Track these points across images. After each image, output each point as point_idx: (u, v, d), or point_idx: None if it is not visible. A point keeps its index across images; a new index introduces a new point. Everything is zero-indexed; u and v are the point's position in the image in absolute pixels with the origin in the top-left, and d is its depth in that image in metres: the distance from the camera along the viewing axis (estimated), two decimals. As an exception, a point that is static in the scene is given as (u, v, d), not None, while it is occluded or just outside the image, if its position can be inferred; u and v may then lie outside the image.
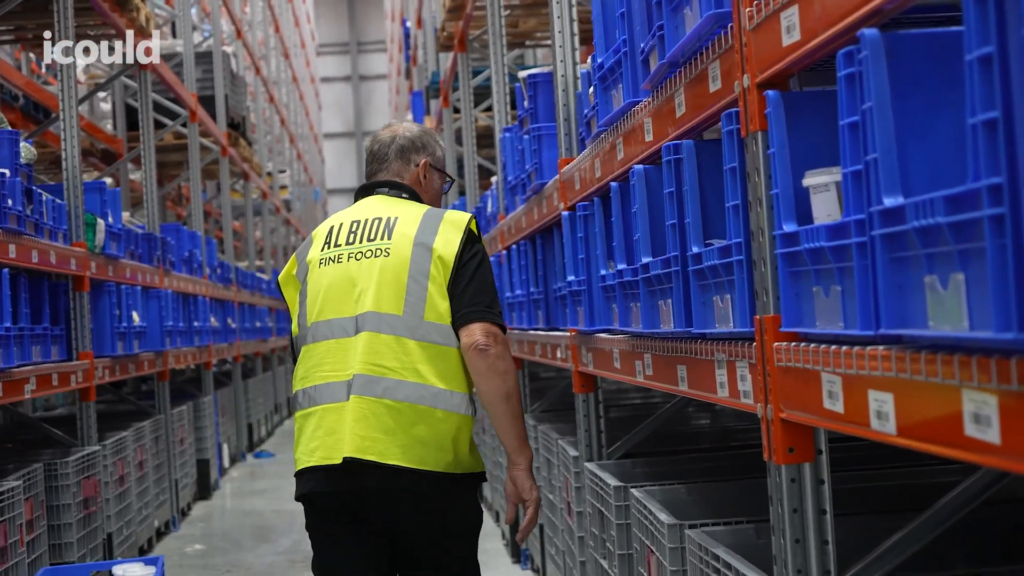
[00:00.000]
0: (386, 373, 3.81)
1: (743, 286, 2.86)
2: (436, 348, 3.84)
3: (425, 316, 3.84)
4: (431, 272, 3.87)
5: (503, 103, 9.12)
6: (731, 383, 3.03)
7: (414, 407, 3.80)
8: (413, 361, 3.82)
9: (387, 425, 3.78)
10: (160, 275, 10.66)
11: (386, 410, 3.78)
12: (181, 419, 11.55)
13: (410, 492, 3.80)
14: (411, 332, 3.84)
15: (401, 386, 3.80)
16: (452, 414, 3.84)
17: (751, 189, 2.79)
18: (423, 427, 3.79)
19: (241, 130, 17.43)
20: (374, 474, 3.77)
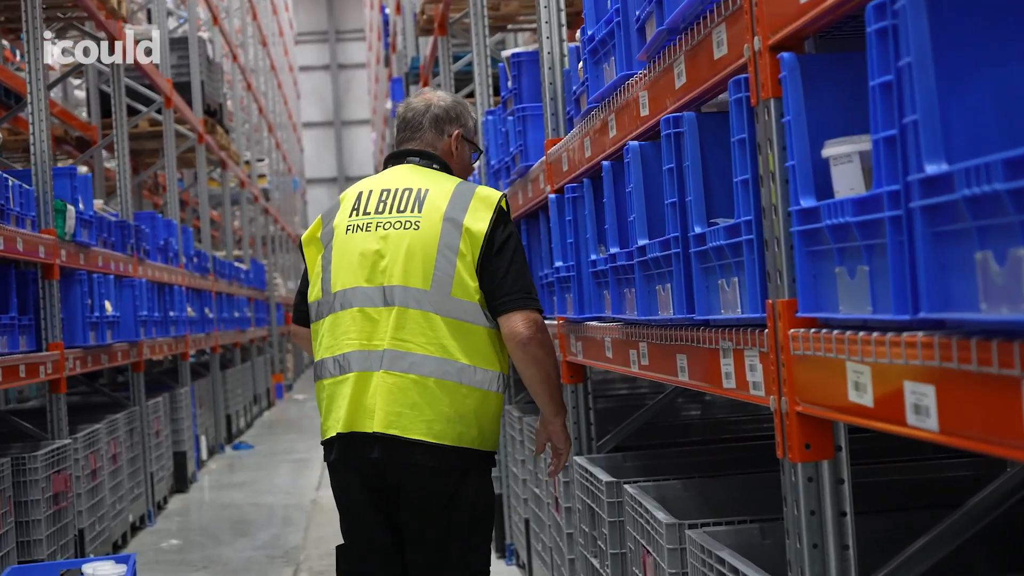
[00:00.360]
0: (413, 348, 3.89)
1: (753, 268, 2.63)
2: (463, 325, 3.91)
3: (452, 292, 3.90)
4: (460, 249, 3.92)
5: (485, 88, 8.87)
6: (738, 373, 2.80)
7: (440, 382, 3.89)
8: (439, 337, 3.89)
9: (413, 400, 3.88)
10: (134, 264, 10.41)
11: (412, 384, 3.88)
12: (157, 411, 11.30)
13: (423, 466, 3.89)
14: (437, 307, 3.90)
15: (427, 361, 3.88)
16: (476, 389, 3.93)
17: (762, 162, 2.56)
18: (447, 402, 3.89)
19: (218, 117, 17.14)
20: (395, 446, 3.87)
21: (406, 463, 3.89)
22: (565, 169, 4.90)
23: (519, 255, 3.98)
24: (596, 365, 4.62)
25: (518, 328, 3.90)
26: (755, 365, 2.68)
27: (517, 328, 3.90)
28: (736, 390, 2.83)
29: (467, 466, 3.96)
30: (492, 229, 3.94)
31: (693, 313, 3.08)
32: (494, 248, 3.93)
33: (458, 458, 3.92)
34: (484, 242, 3.91)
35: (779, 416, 2.54)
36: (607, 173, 4.00)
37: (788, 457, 2.51)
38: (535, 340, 3.92)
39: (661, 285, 3.35)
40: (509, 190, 6.62)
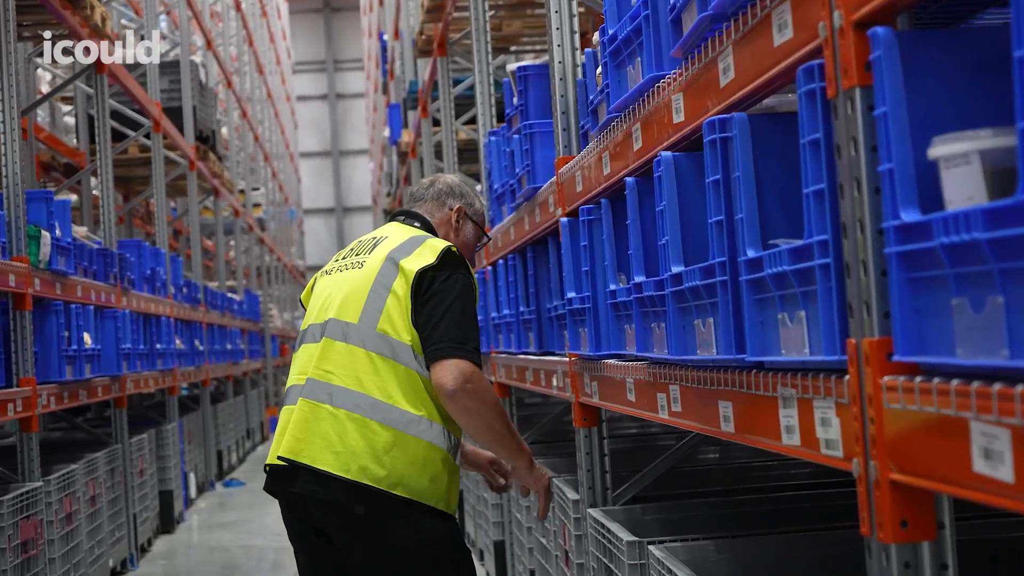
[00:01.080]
0: (333, 380, 3.83)
1: (829, 300, 2.13)
2: (384, 361, 3.80)
3: (378, 327, 3.81)
4: (393, 286, 3.84)
5: (488, 111, 8.37)
6: (805, 428, 2.30)
7: (350, 415, 3.78)
8: (356, 370, 3.81)
9: (324, 430, 3.79)
10: (117, 294, 9.90)
11: (327, 415, 3.79)
12: (141, 448, 10.77)
13: (339, 503, 3.76)
14: (362, 341, 3.83)
15: (342, 392, 3.80)
16: (388, 428, 3.77)
17: (843, 168, 2.06)
18: (357, 436, 3.76)
19: (211, 144, 16.65)
20: (307, 478, 3.78)
21: (319, 496, 3.79)
22: (579, 189, 4.40)
23: (460, 303, 3.82)
24: (615, 409, 4.12)
25: (443, 379, 3.73)
26: (829, 419, 2.17)
27: (442, 379, 3.73)
28: (802, 448, 2.32)
29: (385, 509, 3.76)
30: (433, 272, 3.82)
31: (744, 353, 2.58)
32: (427, 290, 3.81)
33: (372, 498, 3.74)
34: (415, 280, 3.80)
35: (865, 484, 2.04)
36: (631, 191, 3.51)
37: (878, 537, 2.00)
38: (461, 391, 3.72)
39: (701, 319, 2.85)
40: (514, 216, 6.12)
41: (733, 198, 2.58)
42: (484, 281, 7.53)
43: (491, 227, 7.31)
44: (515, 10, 10.47)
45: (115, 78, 11.48)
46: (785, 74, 2.34)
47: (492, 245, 7.07)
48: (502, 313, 6.70)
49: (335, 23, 49.36)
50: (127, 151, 14.36)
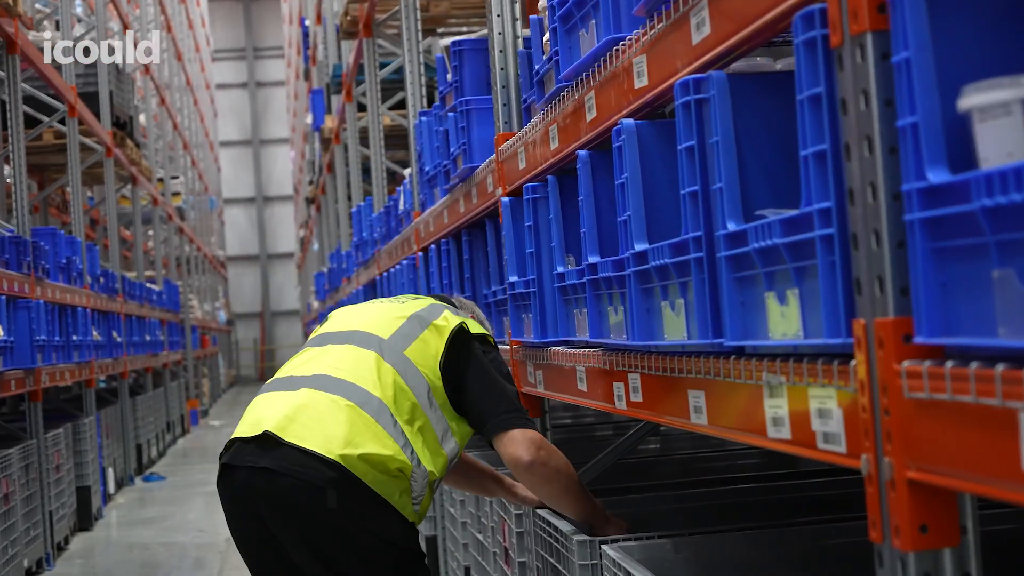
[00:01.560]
0: (347, 378, 3.64)
1: (832, 275, 1.88)
2: (401, 382, 3.62)
3: (406, 350, 3.67)
4: (428, 329, 3.72)
5: (417, 94, 8.10)
6: (797, 420, 2.06)
7: (357, 410, 3.55)
8: (375, 378, 3.62)
9: (325, 419, 3.55)
10: (31, 283, 9.52)
11: (334, 406, 3.57)
12: (57, 443, 10.40)
13: (312, 487, 3.46)
14: (388, 357, 3.66)
15: (356, 391, 3.60)
16: (389, 438, 3.54)
17: (850, 126, 1.82)
18: (361, 431, 3.52)
19: (128, 130, 16.23)
20: (287, 455, 3.50)
21: (295, 475, 3.53)
22: (522, 167, 4.14)
23: (505, 375, 3.74)
24: (563, 399, 3.87)
25: (517, 452, 3.60)
26: (829, 410, 1.93)
27: (516, 452, 3.60)
28: (792, 442, 2.08)
29: (361, 499, 3.53)
30: (467, 333, 3.73)
31: (721, 337, 2.34)
32: (467, 354, 3.70)
33: (349, 487, 3.51)
34: (452, 334, 3.69)
35: (876, 484, 1.80)
36: (584, 165, 3.26)
37: (892, 544, 1.76)
38: (538, 462, 3.61)
39: (669, 301, 2.60)
40: (447, 198, 5.85)
41: (710, 166, 2.34)
42: (415, 267, 7.26)
43: (422, 211, 7.04)
44: (443, -11, 10.19)
45: (29, 61, 11.09)
46: (772, 25, 2.10)
47: (424, 229, 6.80)
48: (435, 300, 6.43)
49: (254, 10, 48.74)
50: (41, 137, 13.92)
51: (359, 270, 11.86)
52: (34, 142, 13.85)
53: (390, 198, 9.26)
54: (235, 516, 3.64)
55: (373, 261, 10.29)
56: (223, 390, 34.73)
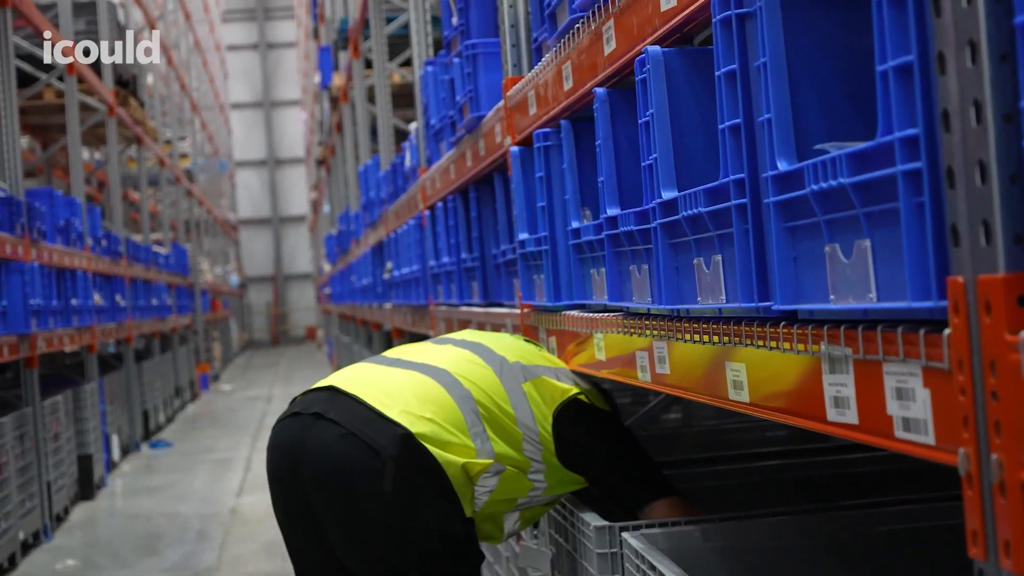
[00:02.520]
0: (443, 366, 3.37)
1: (919, 222, 1.49)
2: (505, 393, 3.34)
3: (525, 384, 3.37)
4: (544, 378, 3.41)
5: (423, 40, 7.70)
6: (867, 401, 1.67)
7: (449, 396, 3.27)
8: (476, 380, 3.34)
9: (407, 390, 3.26)
10: (25, 246, 9.14)
11: (421, 379, 3.30)
12: (56, 411, 10.04)
13: (373, 452, 3.09)
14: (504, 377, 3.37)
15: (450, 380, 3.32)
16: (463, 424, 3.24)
17: (944, 30, 1.42)
18: (439, 411, 3.22)
19: (131, 89, 15.83)
20: (356, 409, 3.17)
21: (360, 433, 3.21)
22: (533, 112, 3.75)
23: (625, 433, 3.48)
24: (578, 369, 3.48)
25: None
26: (912, 390, 1.54)
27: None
28: (860, 429, 1.69)
29: (418, 476, 3.18)
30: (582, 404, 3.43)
31: (769, 300, 1.95)
32: (587, 416, 3.42)
33: (413, 456, 3.17)
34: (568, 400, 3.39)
35: (977, 486, 1.41)
36: (602, 104, 2.86)
37: (1002, 564, 1.38)
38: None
39: (704, 257, 2.22)
40: (454, 151, 5.46)
41: (755, 95, 1.95)
42: (421, 227, 6.88)
43: (428, 167, 6.66)
44: (451, -61, 9.75)
45: (24, 17, 10.70)
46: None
47: (430, 186, 6.41)
48: (441, 261, 6.06)
49: (265, -30, 48.27)
50: (42, 96, 13.54)
51: (367, 231, 11.50)
52: (34, 101, 13.48)
53: (397, 156, 8.88)
54: (276, 470, 3.27)
55: (380, 222, 9.92)
56: (235, 354, 34.40)
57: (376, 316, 11.51)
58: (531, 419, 3.32)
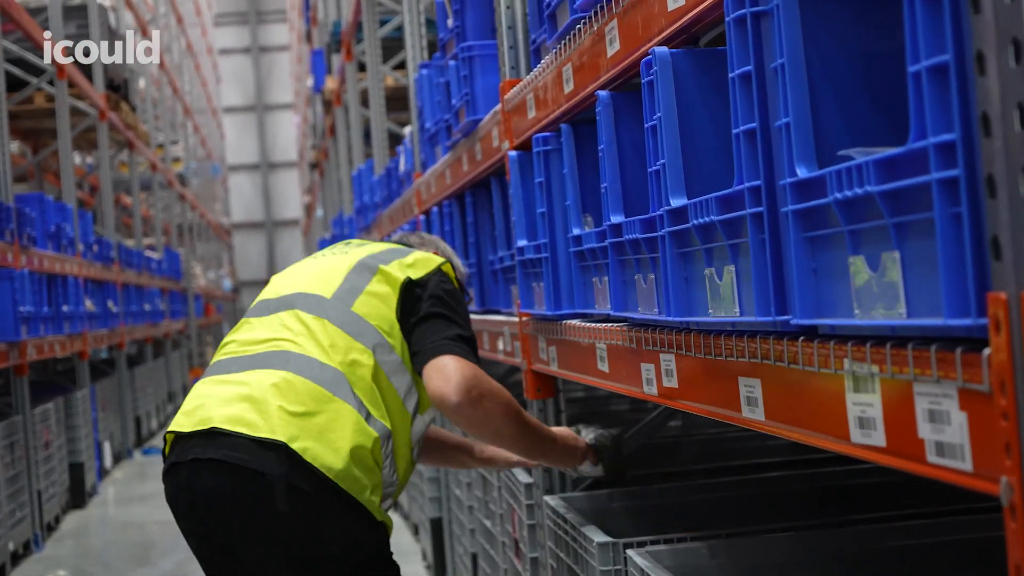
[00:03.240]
0: (292, 348, 3.21)
1: (956, 233, 1.39)
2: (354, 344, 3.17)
3: (353, 307, 3.22)
4: (376, 276, 3.27)
5: (417, 43, 7.60)
6: (895, 422, 1.57)
7: (307, 383, 3.11)
8: (323, 342, 3.18)
9: (269, 399, 3.11)
10: (15, 252, 9.04)
11: (278, 382, 3.14)
12: (47, 418, 9.94)
13: (265, 480, 2.99)
14: (334, 318, 3.23)
15: (302, 361, 3.17)
16: (350, 408, 3.09)
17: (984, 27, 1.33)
18: (312, 411, 3.09)
19: (123, 93, 15.72)
20: (237, 444, 3.04)
21: (246, 465, 3.08)
22: (532, 115, 3.65)
23: (450, 299, 3.26)
24: (580, 380, 3.38)
25: (442, 389, 3.06)
26: (946, 412, 1.45)
27: (441, 389, 3.07)
28: (888, 451, 1.60)
29: (319, 498, 3.05)
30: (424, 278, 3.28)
31: (788, 314, 1.85)
32: (422, 291, 3.25)
33: (307, 482, 3.05)
34: (405, 284, 3.25)
35: (1021, 516, 1.31)
36: (605, 107, 2.76)
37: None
38: (467, 402, 3.05)
39: (715, 268, 2.12)
40: (449, 156, 5.36)
41: (771, 98, 1.85)
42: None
43: (423, 171, 6.55)
44: (445, -60, 9.64)
45: (13, 21, 10.60)
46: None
47: (425, 191, 6.31)
48: (437, 267, 5.95)
49: (257, -27, 48.11)
50: (32, 101, 13.42)
51: (361, 235, 11.39)
52: (25, 105, 13.36)
53: (391, 160, 8.78)
54: (182, 516, 3.17)
55: (374, 226, 9.81)
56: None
57: (370, 321, 11.42)
58: (379, 338, 3.19)
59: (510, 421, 3.13)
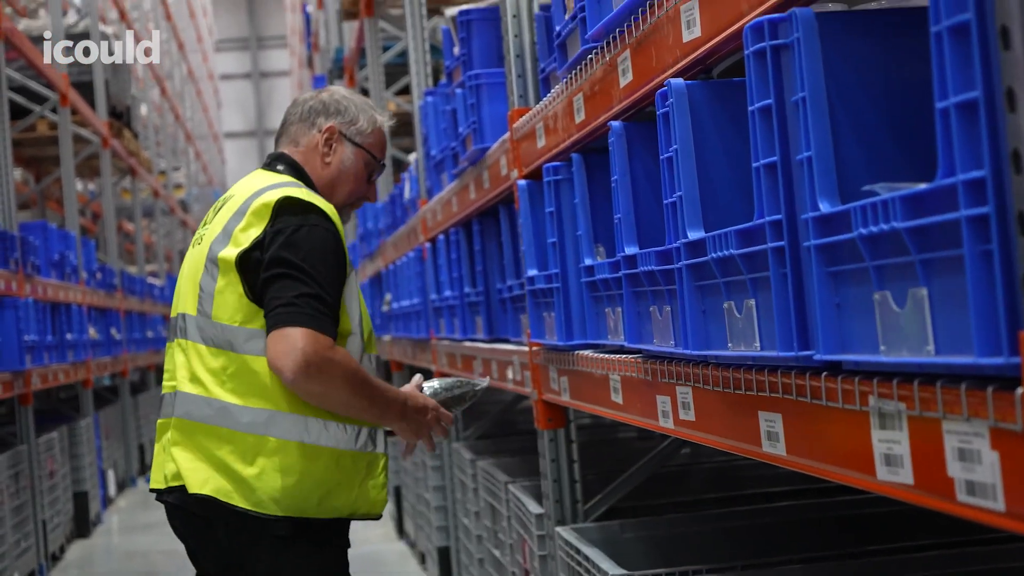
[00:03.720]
0: (179, 387, 3.14)
1: (986, 270, 1.38)
2: (228, 356, 3.05)
3: (213, 315, 3.07)
4: (222, 263, 3.07)
5: (422, 69, 7.59)
6: (923, 460, 1.56)
7: (200, 426, 3.08)
8: (198, 371, 3.08)
9: (182, 446, 3.11)
10: (19, 280, 9.02)
11: (182, 428, 3.12)
12: (51, 447, 9.91)
13: (208, 524, 3.07)
14: (203, 336, 3.09)
15: (187, 400, 3.10)
16: (247, 434, 3.03)
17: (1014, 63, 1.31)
18: (212, 449, 3.07)
19: (125, 120, 15.73)
20: (185, 498, 3.09)
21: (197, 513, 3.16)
22: (541, 145, 3.64)
23: (306, 257, 2.99)
24: (593, 411, 3.37)
25: (278, 361, 2.93)
26: (977, 452, 1.43)
27: (277, 361, 2.93)
28: (916, 489, 1.58)
29: (251, 532, 3.06)
30: (262, 237, 3.03)
31: (810, 349, 1.84)
32: (265, 259, 3.01)
33: (235, 520, 3.06)
34: (240, 257, 3.03)
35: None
36: (618, 138, 2.75)
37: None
38: (302, 376, 2.91)
39: (734, 301, 2.10)
40: (456, 183, 5.35)
41: (792, 131, 1.84)
42: (421, 260, 6.76)
43: (429, 198, 6.55)
44: (448, -34, 9.64)
45: (16, 49, 10.59)
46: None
47: (431, 218, 6.30)
48: (443, 295, 5.94)
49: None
50: (35, 128, 13.43)
51: (364, 262, 11.37)
52: (28, 133, 13.37)
53: (396, 187, 8.77)
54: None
55: (378, 253, 9.80)
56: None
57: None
58: (246, 335, 3.04)
59: (354, 392, 2.99)
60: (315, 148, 3.32)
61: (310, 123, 3.34)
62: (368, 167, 3.37)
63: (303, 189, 3.13)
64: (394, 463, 9.32)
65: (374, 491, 3.17)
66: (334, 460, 3.06)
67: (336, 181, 3.32)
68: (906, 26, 1.81)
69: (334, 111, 3.34)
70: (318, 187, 3.30)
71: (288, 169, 3.29)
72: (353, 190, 3.36)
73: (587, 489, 4.06)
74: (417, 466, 7.80)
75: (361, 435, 3.11)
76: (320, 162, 3.31)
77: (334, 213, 3.11)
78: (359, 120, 3.35)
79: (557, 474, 3.98)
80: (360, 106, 3.38)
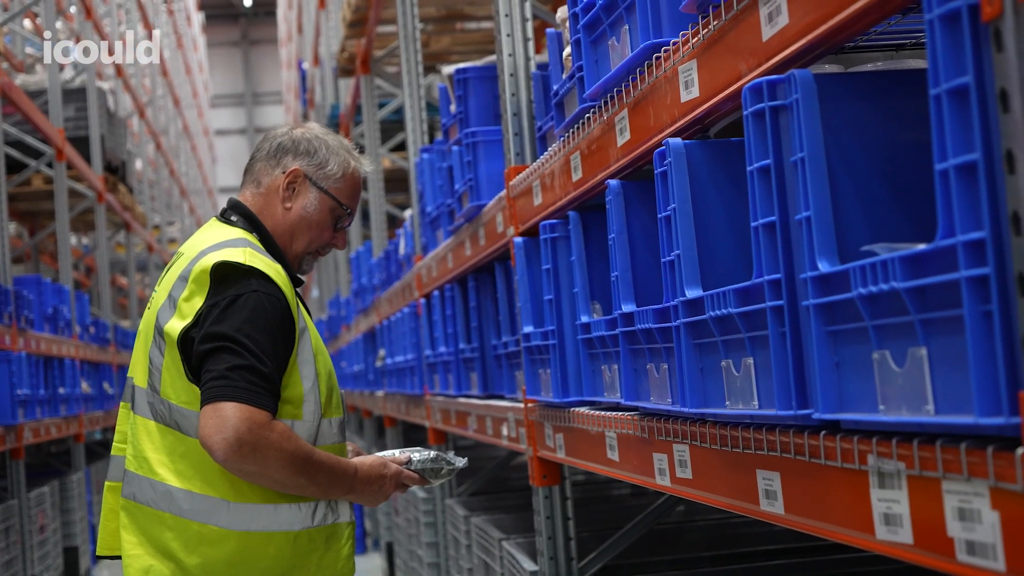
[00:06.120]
0: (126, 463, 2.99)
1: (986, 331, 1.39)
2: (172, 434, 2.90)
3: (161, 391, 2.92)
4: (166, 336, 2.91)
5: (418, 127, 7.62)
6: (923, 520, 1.56)
7: (141, 508, 2.94)
8: (144, 448, 2.92)
9: (125, 526, 2.98)
10: (13, 334, 9.01)
11: (125, 506, 2.99)
12: (42, 502, 9.86)
13: None
14: (149, 411, 2.93)
15: (133, 480, 2.95)
16: (191, 522, 2.89)
17: (1012, 125, 1.33)
18: (154, 533, 2.93)
19: (120, 175, 15.75)
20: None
21: None
22: (538, 203, 3.66)
23: (232, 315, 2.83)
24: (589, 468, 3.36)
25: (207, 440, 2.77)
26: (978, 512, 1.43)
27: (206, 440, 2.77)
28: (916, 548, 1.58)
29: None
30: (204, 309, 2.86)
31: (808, 408, 1.84)
32: (202, 332, 2.85)
33: None
34: (182, 333, 2.87)
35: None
36: (616, 196, 2.77)
37: None
38: (235, 457, 2.75)
39: (732, 359, 2.11)
40: (452, 240, 5.36)
41: (790, 191, 1.85)
42: (416, 315, 6.76)
43: (424, 255, 6.56)
44: (444, 24, 9.71)
45: (13, 104, 10.62)
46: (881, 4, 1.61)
47: (426, 274, 6.31)
48: (438, 351, 5.94)
49: (253, 56, 48.42)
50: (31, 183, 13.46)
51: (358, 318, 11.38)
52: (23, 187, 13.39)
53: (390, 242, 8.78)
54: None
55: (373, 308, 9.81)
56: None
57: (368, 403, 11.37)
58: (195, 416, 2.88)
59: (294, 472, 2.83)
60: (276, 191, 3.13)
61: (276, 161, 3.15)
62: (334, 214, 3.17)
63: (247, 249, 2.94)
64: (386, 519, 9.30)
65: (338, 563, 3.02)
66: (288, 542, 2.91)
67: (296, 228, 3.13)
68: (904, 87, 1.83)
69: (303, 151, 3.14)
70: (275, 234, 3.13)
71: (241, 220, 3.13)
72: (314, 238, 3.16)
73: (581, 546, 4.05)
74: (410, 522, 7.77)
75: (319, 509, 2.95)
76: (280, 207, 3.13)
77: (279, 274, 2.96)
78: (329, 163, 3.15)
79: (552, 531, 3.97)
80: (333, 148, 3.17)
